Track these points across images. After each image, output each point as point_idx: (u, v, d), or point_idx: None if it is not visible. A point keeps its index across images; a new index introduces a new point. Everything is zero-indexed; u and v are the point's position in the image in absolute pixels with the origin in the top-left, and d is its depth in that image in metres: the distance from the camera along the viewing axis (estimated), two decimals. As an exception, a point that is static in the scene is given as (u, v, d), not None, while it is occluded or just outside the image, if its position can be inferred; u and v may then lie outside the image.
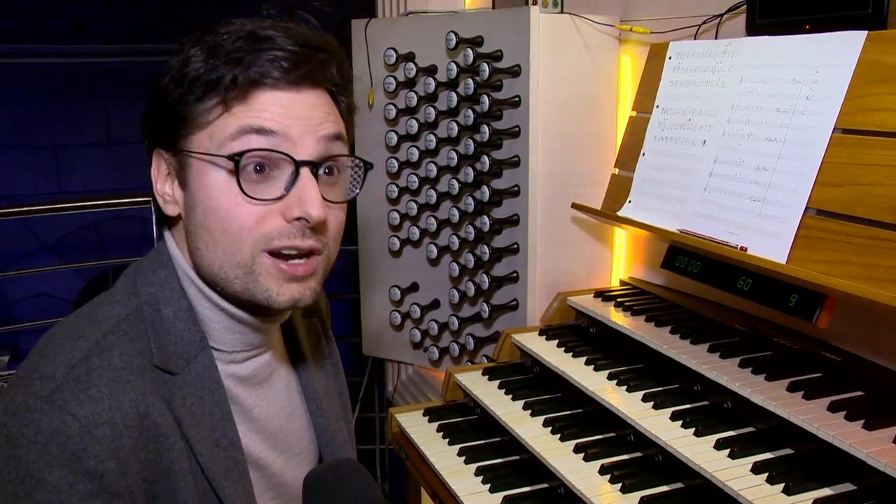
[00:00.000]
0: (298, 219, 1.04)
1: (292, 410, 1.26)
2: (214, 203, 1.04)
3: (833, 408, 1.38)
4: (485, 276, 2.23)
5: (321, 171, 1.07)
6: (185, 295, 1.11)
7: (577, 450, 1.62)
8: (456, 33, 2.21)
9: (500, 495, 1.60)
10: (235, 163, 1.02)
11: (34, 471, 0.93)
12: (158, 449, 1.02)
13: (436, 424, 1.90)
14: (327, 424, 1.30)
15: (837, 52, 1.50)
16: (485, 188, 2.18)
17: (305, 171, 1.05)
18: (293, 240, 1.05)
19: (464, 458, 1.74)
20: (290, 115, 1.05)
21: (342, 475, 1.19)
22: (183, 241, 1.12)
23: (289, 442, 1.24)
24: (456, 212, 2.28)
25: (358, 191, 1.17)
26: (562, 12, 2.19)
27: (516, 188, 2.17)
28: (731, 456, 1.42)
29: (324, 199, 1.05)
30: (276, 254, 1.06)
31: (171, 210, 1.11)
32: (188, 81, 1.04)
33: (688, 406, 1.60)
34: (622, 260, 2.28)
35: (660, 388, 1.67)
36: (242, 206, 1.03)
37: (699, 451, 1.44)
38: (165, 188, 1.11)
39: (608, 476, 1.52)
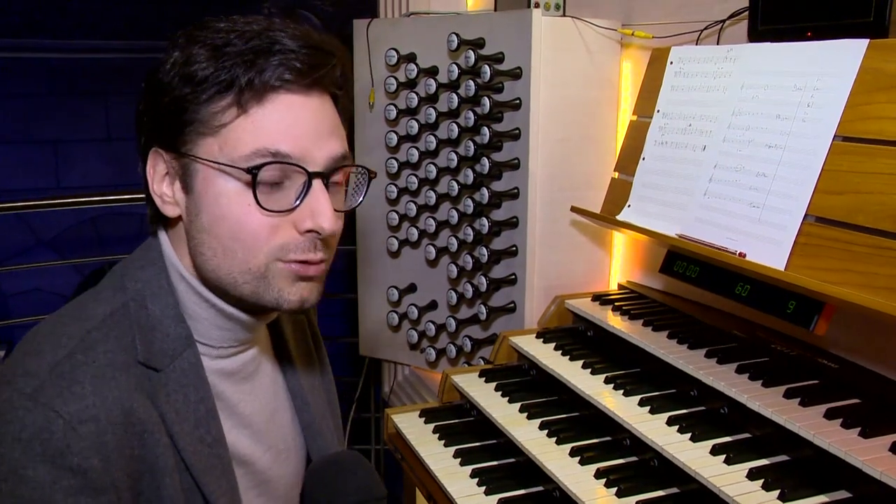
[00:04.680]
0: (310, 230, 1.05)
1: (277, 406, 1.26)
2: (223, 211, 1.04)
3: (829, 415, 1.38)
4: (483, 277, 2.23)
5: (329, 182, 1.08)
6: (173, 292, 1.11)
7: (572, 453, 1.62)
8: (457, 35, 2.21)
9: (496, 498, 1.60)
10: (253, 176, 1.02)
11: (18, 467, 0.93)
12: (143, 445, 1.02)
13: (432, 426, 1.89)
14: (313, 420, 1.30)
15: (839, 60, 1.50)
16: (484, 190, 2.18)
17: (317, 183, 1.05)
18: (306, 254, 1.06)
19: (459, 459, 1.74)
20: (302, 124, 1.05)
21: (345, 468, 1.19)
22: (180, 240, 1.11)
23: (275, 438, 1.24)
24: (455, 213, 2.28)
25: (361, 199, 1.18)
26: (564, 15, 2.19)
27: (516, 191, 2.16)
28: (727, 462, 1.41)
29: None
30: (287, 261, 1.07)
31: (171, 211, 1.10)
32: (197, 80, 1.02)
33: (684, 411, 1.60)
34: (620, 264, 2.28)
35: (656, 393, 1.67)
36: (255, 215, 1.04)
37: (695, 457, 1.44)
38: (164, 189, 1.10)
39: (603, 480, 1.52)
